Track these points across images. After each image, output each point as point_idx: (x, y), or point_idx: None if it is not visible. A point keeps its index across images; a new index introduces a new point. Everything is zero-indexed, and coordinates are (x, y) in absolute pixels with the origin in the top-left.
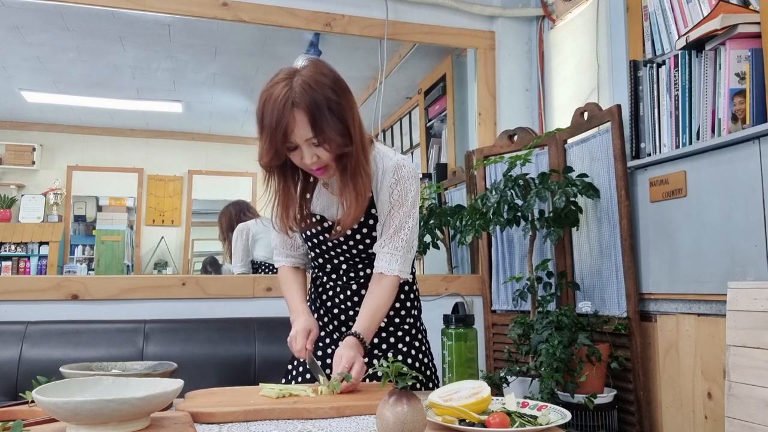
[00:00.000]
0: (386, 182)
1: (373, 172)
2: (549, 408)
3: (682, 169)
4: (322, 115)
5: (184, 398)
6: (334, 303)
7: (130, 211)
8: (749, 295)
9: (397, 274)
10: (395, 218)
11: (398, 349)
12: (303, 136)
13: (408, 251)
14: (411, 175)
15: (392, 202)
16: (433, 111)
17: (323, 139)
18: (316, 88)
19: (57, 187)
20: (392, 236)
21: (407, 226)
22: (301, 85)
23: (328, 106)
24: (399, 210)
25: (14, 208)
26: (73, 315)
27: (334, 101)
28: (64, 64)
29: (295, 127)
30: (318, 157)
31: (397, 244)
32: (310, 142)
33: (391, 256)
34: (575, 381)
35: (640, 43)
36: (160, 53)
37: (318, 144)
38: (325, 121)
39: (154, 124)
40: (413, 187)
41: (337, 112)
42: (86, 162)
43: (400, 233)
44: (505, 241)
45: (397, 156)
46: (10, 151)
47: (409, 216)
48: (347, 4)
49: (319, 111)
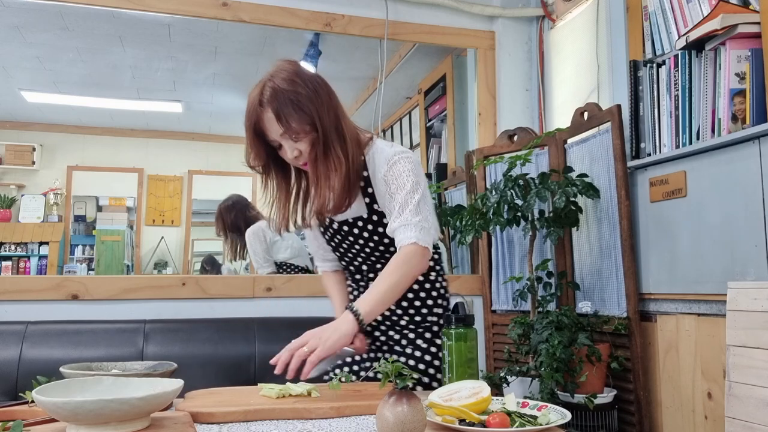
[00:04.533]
0: (380, 175)
1: (368, 169)
2: (549, 408)
3: (682, 169)
4: (286, 110)
5: (184, 398)
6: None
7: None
8: (749, 295)
9: (414, 241)
10: (397, 200)
11: (417, 345)
12: (276, 131)
13: (421, 221)
14: (405, 160)
15: (390, 190)
16: (433, 111)
17: (293, 132)
18: (280, 85)
19: (57, 187)
20: (399, 213)
21: (413, 202)
22: (270, 86)
23: (290, 98)
24: (400, 192)
25: (14, 208)
26: (73, 315)
27: (294, 93)
28: (64, 64)
29: (267, 124)
30: (299, 151)
31: (407, 216)
32: (285, 137)
33: (404, 227)
34: (575, 381)
35: (640, 43)
36: (160, 53)
37: (292, 138)
38: (289, 114)
39: (154, 124)
40: (407, 169)
41: (300, 104)
42: (86, 162)
43: (407, 208)
44: (505, 241)
45: (393, 149)
46: (10, 151)
47: (413, 193)
48: (347, 4)
49: (283, 106)
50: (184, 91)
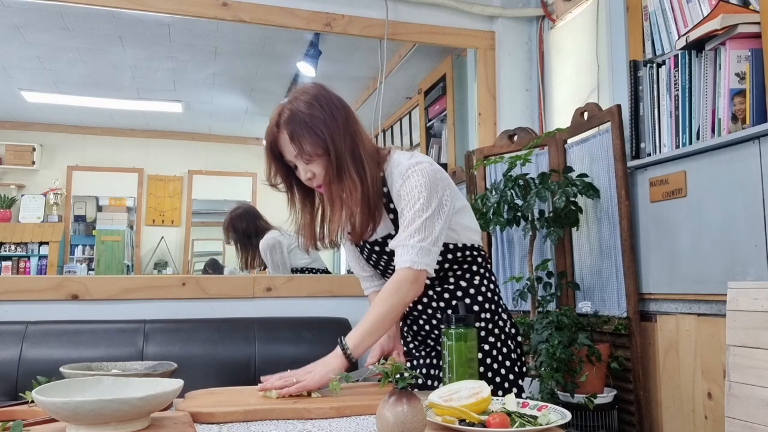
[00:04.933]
0: (395, 189)
1: (388, 184)
2: (549, 408)
3: (682, 169)
4: (299, 132)
5: (184, 398)
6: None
7: (130, 211)
8: (749, 295)
9: (409, 265)
10: (405, 218)
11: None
12: (291, 152)
13: (421, 241)
14: (419, 173)
15: (402, 204)
16: (433, 111)
17: (306, 155)
18: (297, 108)
19: (57, 187)
20: (402, 232)
21: (419, 220)
22: (289, 108)
23: (305, 121)
24: (410, 210)
25: (14, 208)
26: (73, 315)
27: (310, 116)
28: (64, 64)
29: (283, 145)
30: (312, 173)
31: (406, 236)
32: (299, 159)
33: (402, 248)
34: (575, 381)
35: (640, 43)
36: (160, 53)
37: (305, 160)
38: (302, 136)
39: (154, 124)
40: (419, 183)
41: (314, 127)
42: (86, 162)
43: (410, 227)
44: (505, 241)
45: (410, 161)
46: (10, 151)
47: (422, 210)
48: (347, 4)
49: (297, 128)
50: (184, 91)
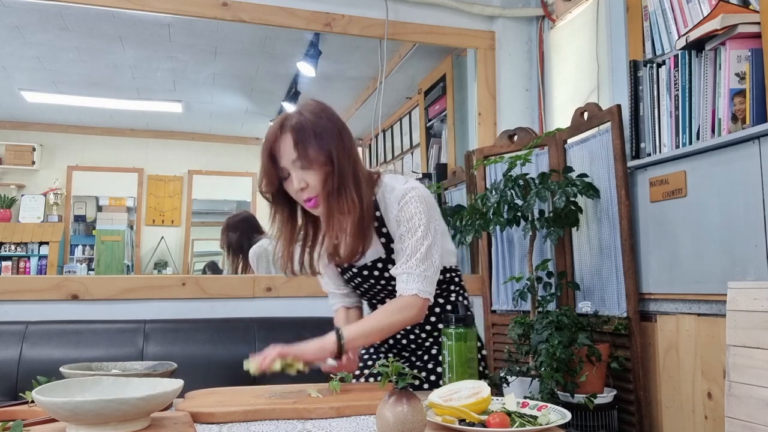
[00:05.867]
0: (392, 215)
1: (381, 209)
2: (549, 408)
3: (682, 169)
4: (305, 137)
5: (184, 398)
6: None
7: (130, 211)
8: (749, 295)
9: (416, 293)
10: (408, 246)
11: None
12: (289, 157)
13: (426, 270)
14: (416, 199)
15: (401, 231)
16: (433, 111)
17: (307, 160)
18: (304, 114)
19: (57, 187)
20: (407, 260)
21: (422, 249)
22: (296, 114)
23: (312, 128)
24: (411, 237)
25: (14, 208)
26: (73, 315)
27: (318, 124)
28: (64, 64)
29: (282, 149)
30: (306, 183)
31: (412, 264)
32: (296, 165)
33: (407, 276)
34: (575, 381)
35: (640, 43)
36: (160, 53)
37: (303, 167)
38: (308, 141)
39: (154, 124)
40: (418, 210)
41: (322, 136)
42: (86, 162)
43: (414, 257)
44: (505, 241)
45: (404, 186)
46: (10, 151)
47: (424, 239)
48: (347, 4)
49: (303, 133)
50: (184, 91)
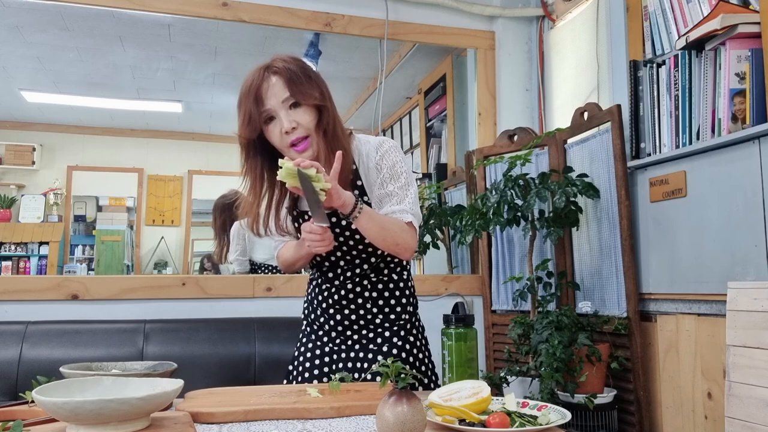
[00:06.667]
0: (372, 163)
1: (356, 160)
2: (549, 408)
3: (682, 169)
4: (297, 76)
5: (184, 398)
6: (329, 303)
7: (130, 211)
8: (749, 295)
9: (411, 221)
10: (395, 189)
11: (393, 342)
12: (280, 97)
13: (417, 210)
14: (394, 147)
15: (383, 176)
16: (433, 111)
17: (302, 97)
18: (287, 60)
19: (57, 187)
20: (399, 202)
21: (410, 194)
22: (279, 59)
23: (301, 70)
24: (396, 182)
25: (14, 208)
26: (73, 315)
27: (304, 68)
28: (64, 64)
29: (270, 90)
30: (297, 122)
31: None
32: (286, 105)
33: (402, 212)
34: (575, 381)
35: (640, 43)
36: (160, 53)
37: (295, 105)
38: (299, 80)
39: (154, 124)
40: (400, 158)
41: (311, 76)
42: (86, 162)
43: (406, 198)
44: (505, 241)
45: (377, 138)
46: (10, 151)
47: (409, 186)
48: (347, 4)
49: (295, 74)
50: (184, 91)
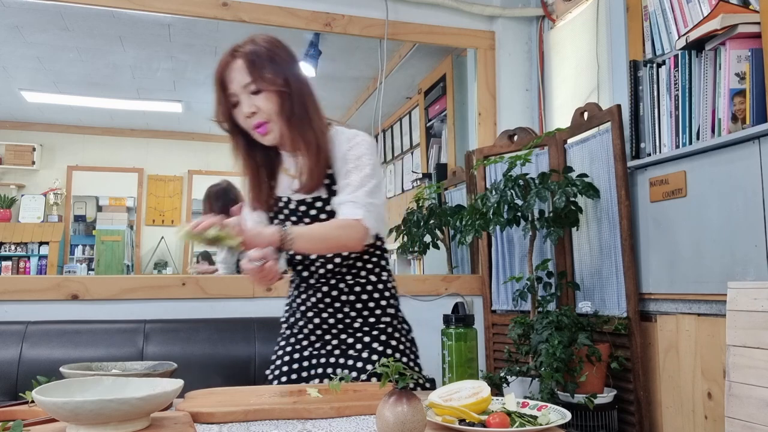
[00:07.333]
0: (341, 151)
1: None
2: (549, 408)
3: (682, 169)
4: (259, 61)
5: (184, 398)
6: (307, 306)
7: (130, 211)
8: (749, 295)
9: (360, 218)
10: (354, 180)
11: (373, 348)
12: (240, 82)
13: (371, 204)
14: (367, 143)
15: (348, 167)
16: (433, 111)
17: (261, 82)
18: (258, 41)
19: (57, 187)
20: (353, 191)
21: (369, 185)
22: (249, 40)
23: (267, 54)
24: (359, 173)
25: (14, 208)
26: (73, 315)
27: (273, 52)
28: (64, 64)
29: (233, 74)
30: (257, 107)
31: (360, 195)
32: (248, 90)
33: (353, 204)
34: (575, 381)
35: (640, 43)
36: (160, 53)
37: (256, 91)
38: (262, 64)
39: (154, 124)
40: (368, 151)
41: (276, 61)
42: (86, 162)
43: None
44: (505, 241)
45: (352, 130)
46: (10, 151)
47: (371, 177)
48: (347, 4)
49: (257, 57)
50: (184, 91)
